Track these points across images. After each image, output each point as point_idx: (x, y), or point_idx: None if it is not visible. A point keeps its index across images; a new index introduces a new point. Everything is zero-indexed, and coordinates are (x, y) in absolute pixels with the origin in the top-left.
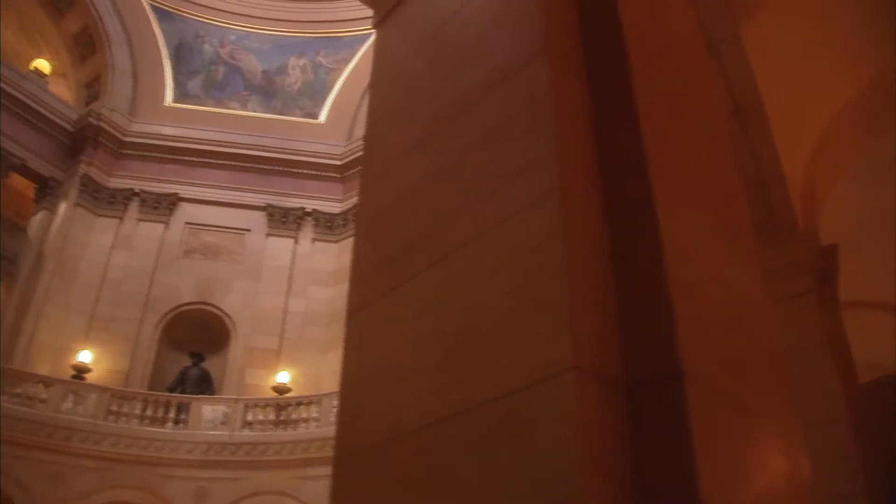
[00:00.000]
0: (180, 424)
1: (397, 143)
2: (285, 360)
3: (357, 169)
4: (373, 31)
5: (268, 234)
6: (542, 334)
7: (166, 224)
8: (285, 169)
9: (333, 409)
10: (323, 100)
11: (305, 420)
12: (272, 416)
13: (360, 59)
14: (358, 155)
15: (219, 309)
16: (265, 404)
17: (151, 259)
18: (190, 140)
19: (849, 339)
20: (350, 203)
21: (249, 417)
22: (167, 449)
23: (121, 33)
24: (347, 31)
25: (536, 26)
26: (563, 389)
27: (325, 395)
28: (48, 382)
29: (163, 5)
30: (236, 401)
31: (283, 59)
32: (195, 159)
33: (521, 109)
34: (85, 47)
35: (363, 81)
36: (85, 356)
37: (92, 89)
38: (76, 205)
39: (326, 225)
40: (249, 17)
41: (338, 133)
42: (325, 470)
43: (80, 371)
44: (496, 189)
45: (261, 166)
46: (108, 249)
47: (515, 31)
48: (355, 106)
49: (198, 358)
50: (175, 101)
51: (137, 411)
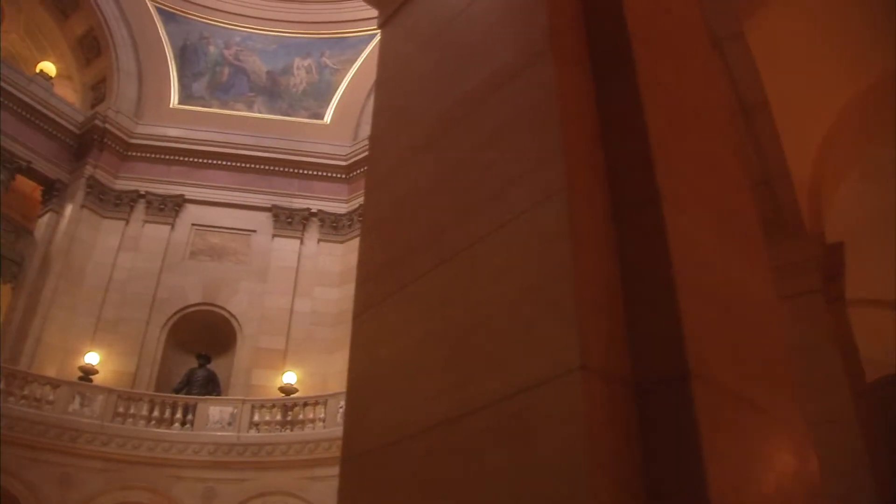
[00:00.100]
0: (187, 425)
1: (403, 143)
2: (292, 361)
3: (362, 169)
4: (378, 31)
5: (273, 235)
6: (550, 334)
7: (172, 225)
8: (291, 170)
9: (340, 410)
10: (328, 100)
11: (312, 420)
12: (279, 417)
13: (365, 60)
14: (363, 155)
15: (225, 310)
16: (272, 405)
17: (157, 260)
18: (195, 141)
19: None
20: (356, 203)
21: (256, 418)
22: (174, 450)
23: (126, 35)
24: (352, 32)
25: (541, 25)
26: (571, 389)
27: (331, 395)
28: (55, 384)
29: (168, 7)
30: (243, 401)
31: (287, 59)
32: (201, 161)
33: (527, 109)
34: (90, 50)
35: (368, 82)
36: (92, 358)
37: (97, 91)
38: (82, 207)
39: (332, 225)
40: (254, 18)
41: (343, 133)
42: (332, 470)
43: (87, 373)
44: (503, 189)
45: (266, 167)
46: (115, 251)
47: (521, 29)
48: (360, 106)
49: (204, 359)
50: (180, 102)
51: (144, 412)
